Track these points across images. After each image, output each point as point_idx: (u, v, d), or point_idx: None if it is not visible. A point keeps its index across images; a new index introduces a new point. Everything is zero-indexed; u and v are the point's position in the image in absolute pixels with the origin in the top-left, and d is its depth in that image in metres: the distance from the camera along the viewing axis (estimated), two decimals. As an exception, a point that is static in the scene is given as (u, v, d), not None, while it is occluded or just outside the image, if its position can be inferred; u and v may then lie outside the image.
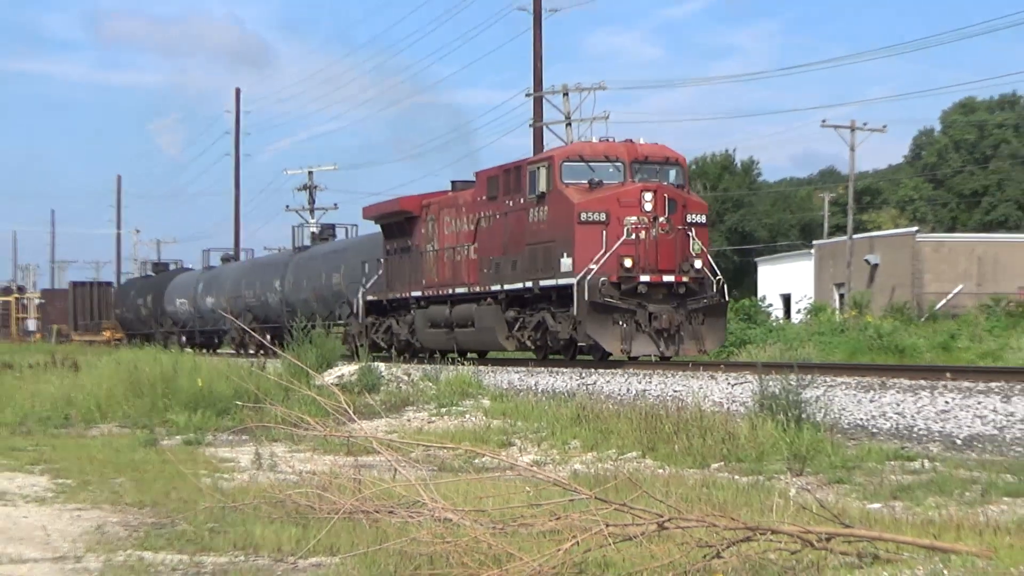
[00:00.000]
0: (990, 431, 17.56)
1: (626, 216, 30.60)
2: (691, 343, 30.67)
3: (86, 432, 22.49)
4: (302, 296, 54.38)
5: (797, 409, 17.57)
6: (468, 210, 37.71)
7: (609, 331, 30.00)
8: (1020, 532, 10.50)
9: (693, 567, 9.19)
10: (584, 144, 33.52)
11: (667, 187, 31.68)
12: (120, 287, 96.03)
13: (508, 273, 34.42)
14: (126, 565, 10.13)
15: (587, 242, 30.62)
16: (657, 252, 30.40)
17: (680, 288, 30.68)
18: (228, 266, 73.16)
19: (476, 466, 15.44)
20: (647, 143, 33.17)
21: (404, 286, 41.68)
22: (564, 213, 31.63)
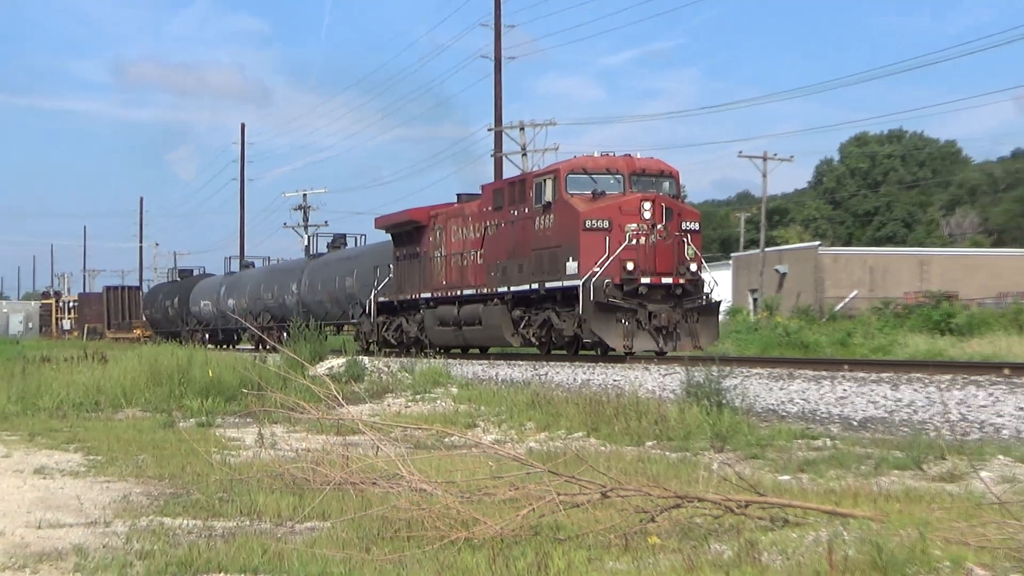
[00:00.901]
0: (881, 414, 17.60)
1: (627, 223, 29.61)
2: (687, 340, 29.54)
3: (113, 416, 22.40)
4: (317, 298, 53.39)
5: (718, 396, 17.61)
6: (474, 219, 36.64)
7: (612, 328, 28.96)
8: (908, 499, 10.52)
9: (631, 530, 9.18)
10: (587, 158, 31.84)
11: (664, 197, 30.66)
12: (150, 290, 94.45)
13: (515, 276, 33.28)
14: (148, 529, 10.08)
15: (591, 247, 29.56)
16: (656, 256, 29.43)
17: (677, 289, 29.65)
18: (248, 271, 71.24)
19: (446, 444, 15.40)
20: (644, 157, 32.14)
21: (413, 288, 40.47)
22: (570, 220, 30.52)
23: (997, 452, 13.24)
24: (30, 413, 22.36)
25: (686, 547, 8.75)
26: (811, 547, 8.47)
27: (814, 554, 8.25)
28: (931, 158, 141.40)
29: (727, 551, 8.57)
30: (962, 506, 9.94)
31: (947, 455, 12.84)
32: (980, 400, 17.14)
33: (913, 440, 13.82)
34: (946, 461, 12.64)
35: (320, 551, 8.90)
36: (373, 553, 8.85)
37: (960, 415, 16.58)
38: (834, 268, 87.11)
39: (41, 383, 26.81)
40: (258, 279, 64.50)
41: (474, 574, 8.13)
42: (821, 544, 8.43)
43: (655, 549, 8.77)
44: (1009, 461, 12.70)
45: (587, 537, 9.13)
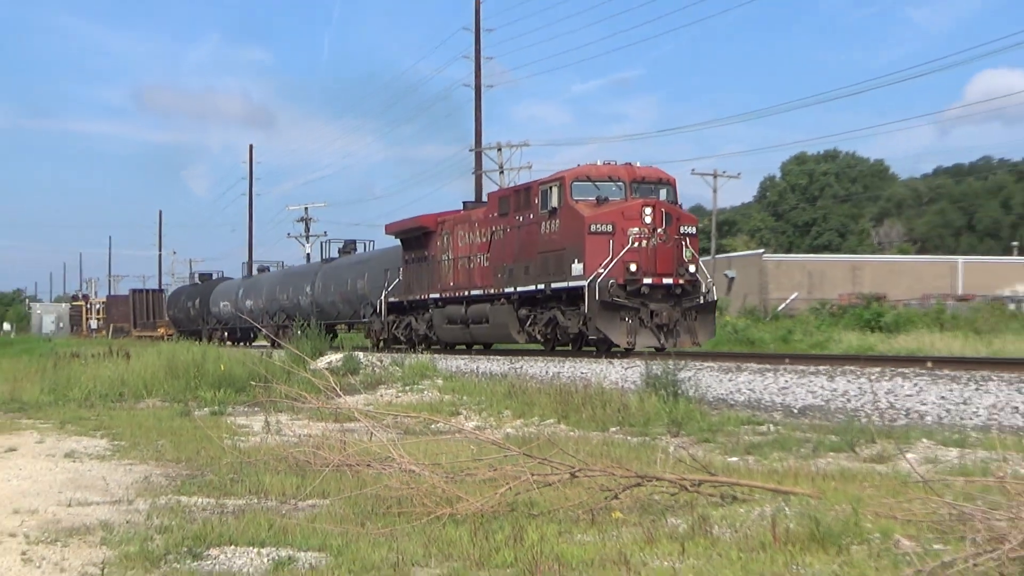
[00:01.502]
0: (819, 403, 17.62)
1: (629, 227, 28.59)
2: (686, 336, 28.42)
3: (135, 405, 22.32)
4: (330, 299, 52.15)
5: (674, 387, 17.61)
6: (481, 225, 35.58)
7: (616, 326, 27.92)
8: (842, 478, 10.53)
9: (597, 506, 9.19)
10: (591, 167, 30.68)
11: (663, 203, 29.58)
12: (172, 292, 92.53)
13: (521, 277, 32.22)
14: (167, 507, 10.06)
15: (596, 250, 28.56)
16: (656, 258, 28.31)
17: (677, 289, 28.48)
18: (264, 275, 69.84)
19: (432, 430, 15.37)
20: (643, 166, 31.09)
21: (422, 289, 39.43)
22: (575, 225, 29.46)
23: (921, 436, 13.27)
24: (61, 403, 22.30)
25: (646, 521, 8.76)
26: (757, 521, 8.48)
27: (759, 527, 8.27)
28: (862, 175, 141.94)
29: (682, 525, 8.57)
30: (890, 484, 9.98)
31: (877, 439, 12.87)
32: (906, 390, 17.17)
33: (847, 426, 13.85)
34: (876, 444, 12.67)
35: (320, 526, 8.90)
36: (367, 527, 8.84)
37: (888, 403, 16.61)
38: (777, 273, 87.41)
39: (71, 376, 26.80)
40: (274, 282, 63.48)
41: (457, 546, 8.12)
42: (766, 518, 8.44)
43: (618, 523, 8.77)
44: (932, 444, 12.73)
45: (558, 513, 9.13)
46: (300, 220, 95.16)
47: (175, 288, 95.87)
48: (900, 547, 7.57)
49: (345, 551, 8.04)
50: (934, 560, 6.99)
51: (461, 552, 7.96)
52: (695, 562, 7.48)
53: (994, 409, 15.25)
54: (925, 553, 7.30)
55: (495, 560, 7.70)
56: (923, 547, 7.51)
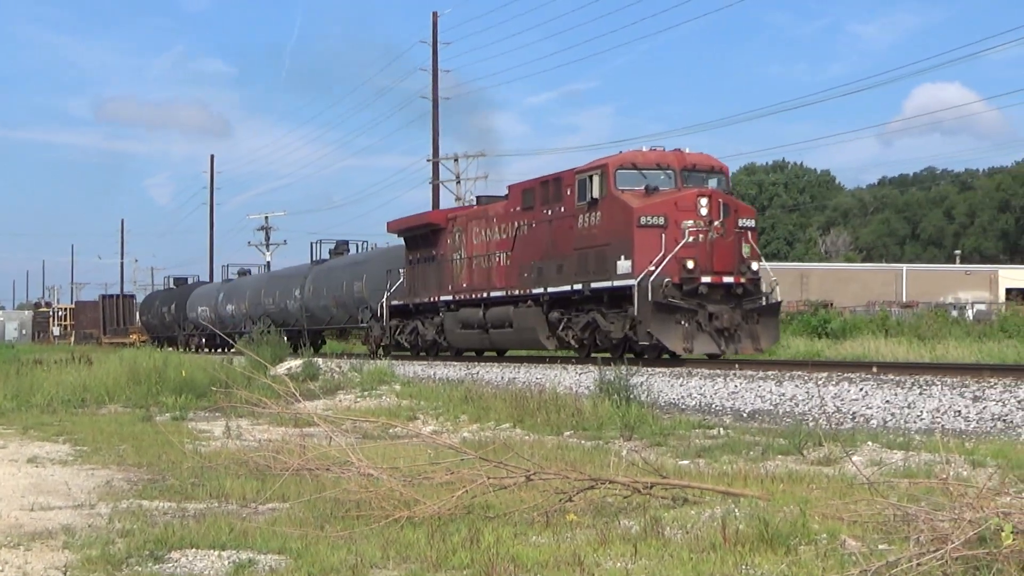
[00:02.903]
0: (768, 407, 17.71)
1: (683, 220, 25.23)
2: (747, 342, 25.38)
3: (97, 411, 22.21)
4: (322, 303, 48.47)
5: (627, 391, 17.64)
6: (500, 220, 32.08)
7: (672, 330, 24.64)
8: (790, 481, 10.59)
9: (552, 508, 9.20)
10: (636, 152, 27.46)
11: (720, 192, 26.47)
12: (146, 297, 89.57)
13: (552, 276, 28.77)
14: (128, 511, 10.01)
15: (646, 245, 25.21)
16: (714, 254, 25.13)
17: (738, 289, 25.33)
18: (247, 278, 66.43)
19: (390, 435, 15.34)
20: (694, 152, 27.73)
21: (430, 291, 35.81)
22: (621, 217, 26.08)
23: (867, 439, 13.36)
24: (24, 409, 22.18)
25: (599, 523, 8.77)
26: (707, 522, 8.51)
27: (710, 528, 8.29)
28: (809, 185, 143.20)
29: (635, 526, 8.59)
30: (837, 486, 10.04)
31: (824, 442, 12.93)
32: (852, 394, 17.27)
33: (795, 429, 13.91)
34: (823, 447, 12.73)
35: (280, 529, 8.87)
36: (326, 530, 8.83)
37: (835, 407, 16.70)
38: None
39: (34, 383, 26.65)
40: (258, 285, 59.98)
41: (415, 548, 8.11)
42: (716, 520, 8.47)
43: (572, 525, 8.78)
44: (877, 447, 12.81)
45: (513, 515, 9.13)
46: (260, 228, 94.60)
47: (149, 293, 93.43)
48: (846, 547, 7.61)
49: (304, 553, 8.02)
50: (879, 560, 7.03)
51: (418, 554, 7.95)
52: (647, 563, 7.50)
53: (937, 413, 15.36)
54: (870, 553, 7.35)
55: (452, 562, 7.70)
56: (869, 547, 7.55)
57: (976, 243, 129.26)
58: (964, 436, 13.72)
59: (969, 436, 13.76)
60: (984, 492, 8.08)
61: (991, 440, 13.14)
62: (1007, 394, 15.61)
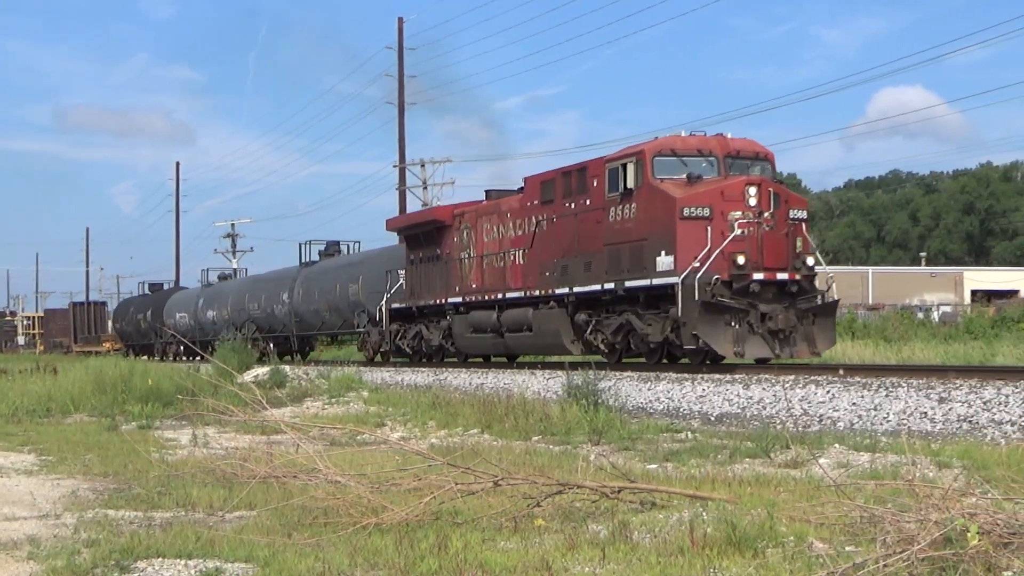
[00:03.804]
0: (735, 410, 17.77)
1: (730, 211, 23.02)
2: (803, 345, 23.11)
3: (63, 420, 22.09)
4: (312, 307, 46.12)
5: (595, 396, 17.65)
6: (515, 215, 29.85)
7: (721, 332, 22.38)
8: (758, 484, 10.61)
9: (520, 514, 9.19)
10: (675, 137, 24.92)
11: (770, 181, 24.07)
12: (119, 304, 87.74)
13: (579, 275, 26.52)
14: (94, 520, 9.95)
15: (690, 238, 22.91)
16: (765, 249, 22.89)
17: (792, 287, 23.08)
18: (229, 282, 63.79)
19: (358, 441, 15.31)
20: (737, 137, 25.34)
21: (435, 293, 33.57)
22: (662, 208, 23.72)
23: (834, 441, 13.40)
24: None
25: (568, 528, 8.77)
26: (676, 526, 8.52)
27: (678, 532, 8.30)
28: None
29: (603, 531, 8.60)
30: (804, 489, 10.06)
31: (791, 445, 12.97)
32: (819, 397, 17.34)
33: (762, 432, 13.96)
34: (790, 450, 12.77)
35: (247, 537, 8.84)
36: (294, 538, 8.80)
37: (802, 410, 16.76)
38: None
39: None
40: (242, 289, 57.24)
41: (383, 555, 8.10)
42: (684, 523, 8.48)
43: (541, 530, 8.78)
44: (844, 449, 12.86)
45: (482, 521, 9.12)
46: (227, 236, 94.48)
47: (123, 299, 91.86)
48: (813, 549, 7.63)
49: (272, 562, 7.99)
50: (846, 562, 7.05)
51: (386, 561, 7.93)
52: (616, 567, 7.51)
53: (903, 414, 15.43)
54: (837, 555, 7.37)
55: (420, 568, 7.69)
56: (836, 549, 7.58)
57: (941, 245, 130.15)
58: (930, 437, 13.79)
59: (935, 437, 13.83)
60: (950, 493, 8.12)
61: (957, 441, 13.21)
62: (972, 395, 15.71)
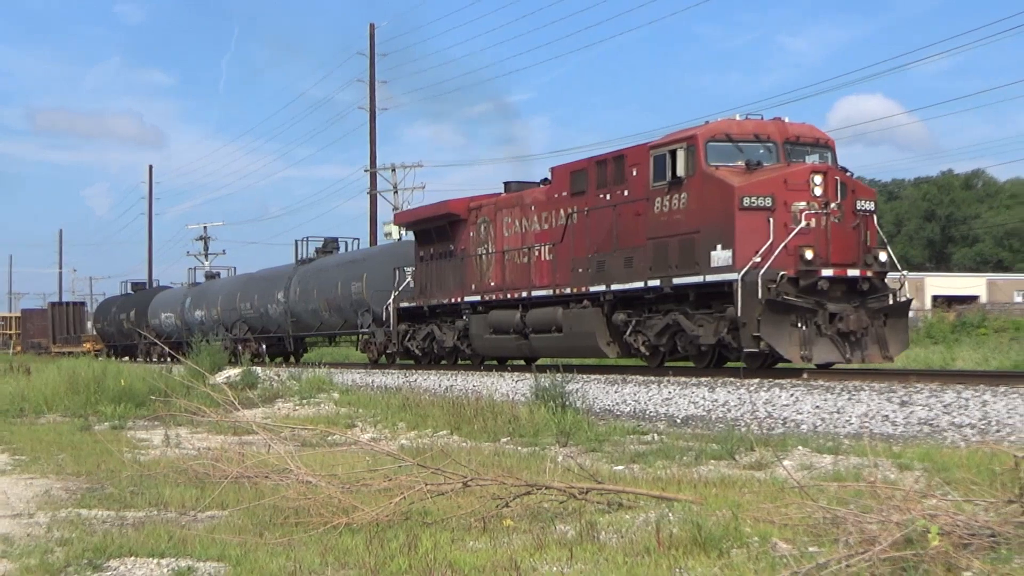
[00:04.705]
0: (701, 412, 17.80)
1: (794, 201, 20.71)
2: (874, 348, 20.66)
3: (36, 420, 21.97)
4: (310, 306, 43.36)
5: (562, 398, 17.65)
6: (541, 208, 27.38)
7: (786, 334, 20.03)
8: (723, 485, 10.64)
9: (489, 514, 9.20)
10: (730, 122, 22.47)
11: (836, 169, 21.71)
12: (101, 304, 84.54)
13: (618, 271, 23.97)
14: (67, 520, 9.91)
15: (750, 231, 20.60)
16: (832, 243, 20.70)
17: (864, 284, 20.76)
18: (218, 281, 60.37)
19: (329, 442, 15.29)
20: (796, 122, 22.83)
21: (449, 291, 31.08)
22: (718, 198, 21.28)
23: (797, 444, 13.45)
24: (-40, 419, 21.91)
25: (536, 528, 8.78)
26: (642, 527, 8.54)
27: (644, 533, 8.32)
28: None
29: (571, 531, 8.61)
30: (768, 490, 10.09)
31: (756, 447, 13.01)
32: (783, 400, 17.39)
33: (727, 434, 13.98)
34: (755, 452, 12.81)
35: (219, 536, 8.83)
36: (266, 537, 8.79)
37: (767, 413, 16.81)
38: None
39: (-30, 393, 26.33)
40: (232, 289, 53.81)
41: (353, 554, 8.09)
42: (650, 524, 8.50)
43: (509, 530, 8.79)
44: (807, 451, 12.90)
45: (451, 521, 9.13)
46: (199, 239, 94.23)
47: (105, 299, 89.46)
48: (777, 550, 7.66)
49: (244, 561, 7.98)
50: (809, 562, 7.08)
51: (357, 560, 7.93)
52: (583, 567, 7.52)
53: (865, 418, 15.50)
54: (801, 555, 7.40)
55: (390, 568, 7.69)
56: (799, 549, 7.61)
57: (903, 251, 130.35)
58: (892, 440, 13.85)
59: (896, 440, 13.89)
60: (911, 495, 8.17)
61: (918, 444, 13.27)
62: (933, 399, 15.79)
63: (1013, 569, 7.03)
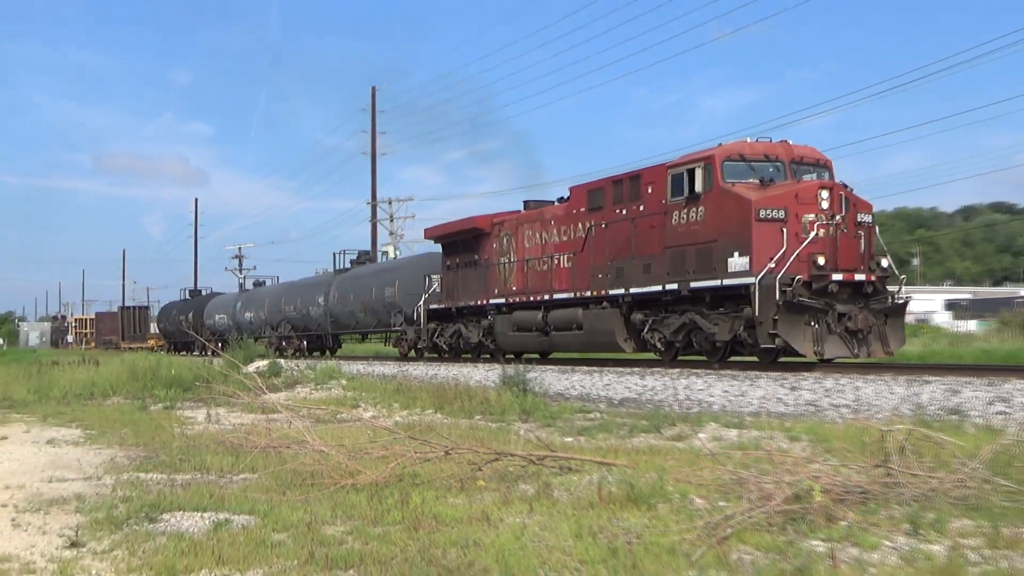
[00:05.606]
0: (633, 395, 17.80)
1: (804, 214, 19.62)
2: (876, 344, 19.56)
3: (103, 402, 21.80)
4: (348, 308, 41.71)
5: (524, 384, 17.64)
6: (560, 223, 26.11)
7: (801, 332, 18.95)
8: (651, 453, 10.64)
9: (465, 476, 9.18)
10: (743, 143, 21.21)
11: (839, 185, 20.42)
12: (163, 307, 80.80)
13: (637, 277, 22.74)
14: (128, 482, 9.85)
15: (766, 240, 19.45)
16: (839, 250, 19.62)
17: (868, 287, 19.69)
18: (264, 288, 57.95)
19: (338, 419, 15.20)
20: (799, 144, 21.58)
21: (474, 295, 29.85)
22: (735, 211, 20.05)
23: (710, 420, 13.46)
24: (43, 401, 21.76)
25: (503, 487, 8.78)
26: (587, 486, 8.54)
27: (589, 491, 8.33)
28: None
29: (530, 490, 8.61)
30: (687, 457, 10.11)
31: (677, 423, 13.03)
32: (699, 385, 17.42)
33: (654, 413, 14.01)
34: (676, 427, 12.82)
35: (250, 494, 8.79)
36: (288, 495, 8.76)
37: (686, 396, 16.84)
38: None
39: (51, 380, 26.16)
40: (277, 294, 51.96)
41: (357, 508, 8.07)
42: (593, 484, 8.51)
43: (482, 489, 8.78)
44: (718, 426, 12.92)
45: (435, 482, 9.11)
46: (235, 257, 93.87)
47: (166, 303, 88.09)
48: (694, 504, 7.68)
49: (270, 514, 7.94)
50: (719, 514, 7.10)
51: (360, 513, 7.91)
52: (540, 518, 7.52)
53: (764, 399, 15.55)
54: (713, 508, 7.42)
55: (387, 519, 7.67)
56: (711, 504, 7.63)
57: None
58: (784, 417, 13.89)
59: (788, 417, 13.94)
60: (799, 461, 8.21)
61: (804, 420, 13.32)
62: (816, 384, 15.87)
63: (879, 519, 7.07)
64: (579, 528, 7.10)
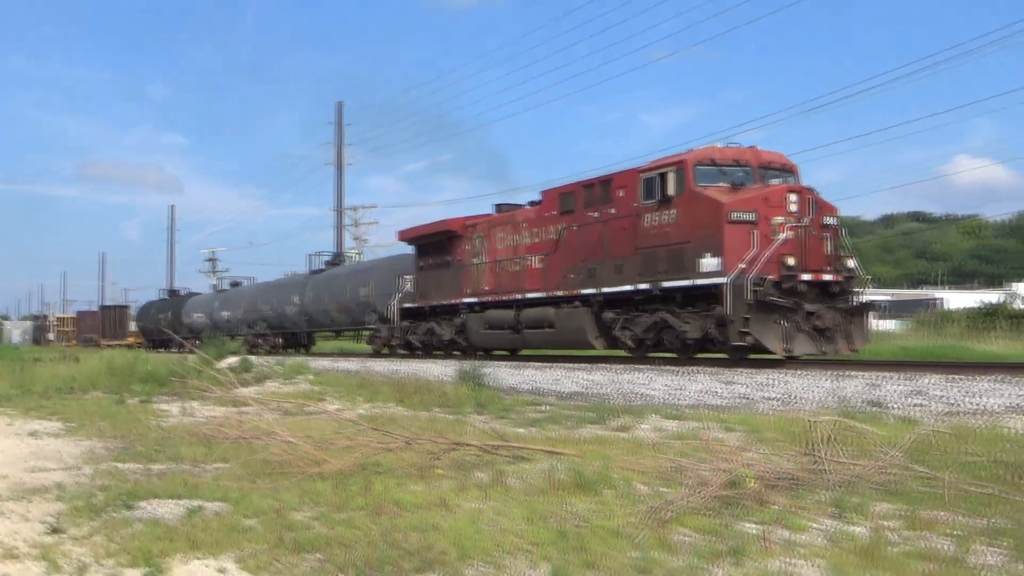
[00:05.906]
0: (581, 389, 17.82)
1: (773, 216, 18.91)
2: (842, 342, 18.96)
3: (83, 396, 21.51)
4: (323, 308, 40.65)
5: (479, 379, 17.67)
6: (532, 225, 25.14)
7: (771, 330, 18.32)
8: (597, 443, 10.66)
9: (425, 465, 9.16)
10: (713, 148, 20.46)
11: (807, 189, 19.66)
12: (143, 306, 78.67)
13: (608, 277, 21.90)
14: (106, 471, 9.73)
15: (736, 241, 18.79)
16: (808, 252, 18.92)
17: (835, 287, 19.07)
18: (241, 288, 56.14)
19: (305, 411, 15.13)
20: (767, 150, 20.95)
21: (446, 294, 28.87)
22: (708, 213, 19.32)
23: (652, 412, 13.52)
24: (25, 395, 21.41)
25: (460, 475, 8.76)
26: (538, 474, 8.55)
27: (540, 478, 8.33)
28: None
29: (485, 477, 8.59)
30: (630, 446, 10.15)
31: (621, 415, 13.07)
32: (641, 380, 17.47)
33: (600, 405, 14.06)
34: (620, 418, 12.86)
35: (222, 483, 8.71)
36: (258, 483, 8.69)
37: (629, 389, 16.88)
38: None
39: (34, 375, 25.80)
40: (254, 294, 50.57)
41: (323, 495, 8.02)
42: (544, 472, 8.51)
43: (440, 477, 8.75)
44: (659, 418, 12.98)
45: (397, 470, 9.07)
46: (208, 260, 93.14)
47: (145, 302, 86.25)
48: (637, 491, 7.70)
49: (241, 501, 7.88)
50: (660, 499, 7.13)
51: (326, 500, 7.86)
52: (495, 504, 7.51)
53: (701, 393, 15.62)
54: (654, 494, 7.45)
55: (351, 505, 7.63)
56: (653, 490, 7.66)
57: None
58: (720, 410, 13.98)
59: (723, 409, 14.02)
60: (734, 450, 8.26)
61: (738, 412, 13.41)
62: (749, 379, 15.97)
63: (807, 503, 7.13)
64: (531, 513, 7.10)
